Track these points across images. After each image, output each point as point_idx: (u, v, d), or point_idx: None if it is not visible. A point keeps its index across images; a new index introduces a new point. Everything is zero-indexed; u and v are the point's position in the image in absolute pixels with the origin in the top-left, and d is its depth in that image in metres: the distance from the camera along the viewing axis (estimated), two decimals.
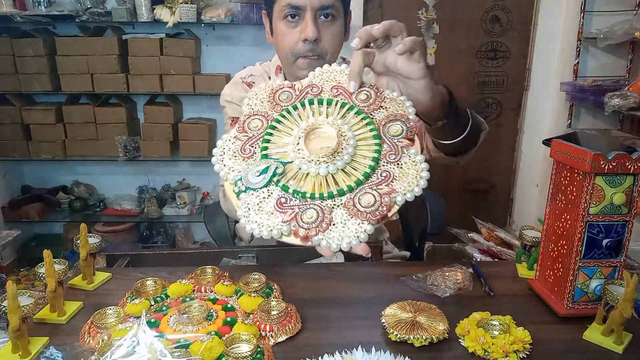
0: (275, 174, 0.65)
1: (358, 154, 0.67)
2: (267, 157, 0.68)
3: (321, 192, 0.64)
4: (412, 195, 0.65)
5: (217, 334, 0.76)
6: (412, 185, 0.65)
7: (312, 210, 0.63)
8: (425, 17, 2.73)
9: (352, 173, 0.66)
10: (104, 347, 0.70)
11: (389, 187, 0.64)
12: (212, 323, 0.81)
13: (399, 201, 0.65)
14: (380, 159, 0.66)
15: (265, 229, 0.63)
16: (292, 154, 0.67)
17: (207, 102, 3.01)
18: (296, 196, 0.64)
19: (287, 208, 0.63)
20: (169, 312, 0.84)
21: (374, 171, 0.66)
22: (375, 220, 0.62)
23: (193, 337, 0.74)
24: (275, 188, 0.65)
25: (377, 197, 0.63)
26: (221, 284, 0.93)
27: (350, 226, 0.62)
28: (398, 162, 0.66)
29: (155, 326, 0.80)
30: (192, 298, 0.89)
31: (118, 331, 0.77)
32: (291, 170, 0.67)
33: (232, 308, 0.87)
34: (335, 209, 0.63)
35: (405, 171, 0.66)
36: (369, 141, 0.68)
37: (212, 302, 0.89)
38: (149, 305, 0.88)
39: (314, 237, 0.62)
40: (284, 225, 0.62)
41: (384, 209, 0.63)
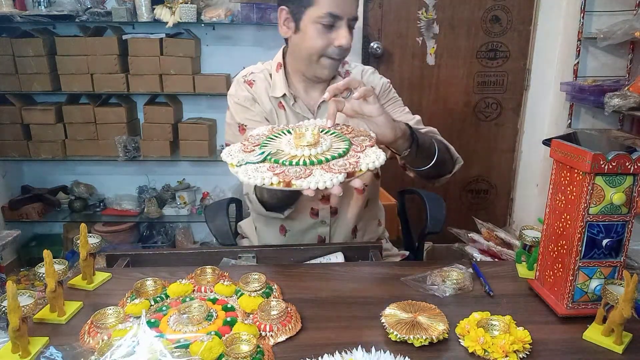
0: (269, 154, 0.88)
1: (333, 147, 0.91)
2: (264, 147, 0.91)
3: (305, 160, 0.86)
4: (373, 166, 0.86)
5: (217, 334, 0.76)
6: (373, 160, 0.87)
7: (297, 167, 0.85)
8: (425, 17, 2.73)
9: (327, 155, 0.89)
10: (104, 347, 0.70)
11: (356, 160, 0.87)
12: (212, 323, 0.81)
13: (363, 167, 0.86)
14: (350, 151, 0.90)
15: (259, 179, 0.82)
16: (285, 147, 0.90)
17: (207, 102, 3.01)
18: (285, 163, 0.86)
19: (277, 168, 0.85)
20: (169, 312, 0.84)
21: (345, 155, 0.89)
22: (345, 172, 0.83)
23: (193, 337, 0.74)
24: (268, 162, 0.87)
25: (347, 162, 0.86)
26: (221, 284, 0.93)
27: (326, 175, 0.83)
28: (362, 151, 0.91)
29: (155, 326, 0.80)
30: (192, 298, 0.89)
31: (118, 331, 0.77)
32: (281, 155, 0.89)
33: (232, 308, 0.87)
34: (314, 170, 0.84)
35: (368, 154, 0.89)
36: (341, 143, 0.93)
37: (212, 302, 0.89)
38: (149, 305, 0.88)
39: (297, 180, 0.81)
40: (274, 177, 0.82)
41: (351, 168, 0.85)
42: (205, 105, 3.02)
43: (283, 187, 0.82)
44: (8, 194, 2.96)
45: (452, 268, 1.01)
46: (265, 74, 1.34)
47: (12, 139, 2.83)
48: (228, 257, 1.16)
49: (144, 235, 3.10)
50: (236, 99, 1.32)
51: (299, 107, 1.31)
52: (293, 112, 1.32)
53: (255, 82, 1.33)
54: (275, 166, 0.85)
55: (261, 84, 1.33)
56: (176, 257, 1.15)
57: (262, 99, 1.32)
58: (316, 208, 1.32)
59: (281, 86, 1.30)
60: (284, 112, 1.32)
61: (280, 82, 1.31)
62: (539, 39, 2.77)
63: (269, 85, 1.32)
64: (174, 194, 3.05)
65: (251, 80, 1.33)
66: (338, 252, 1.18)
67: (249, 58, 2.84)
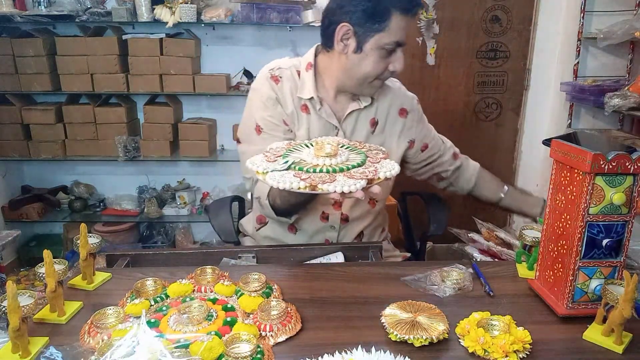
0: (293, 163, 0.96)
1: (350, 158, 1.00)
2: (287, 157, 0.99)
3: (327, 168, 0.94)
4: (390, 174, 0.95)
5: (217, 334, 0.76)
6: (389, 170, 0.96)
7: (321, 174, 0.92)
8: (425, 17, 2.73)
9: (346, 164, 0.97)
10: (104, 347, 0.70)
11: (374, 169, 0.96)
12: (212, 323, 0.81)
13: (381, 175, 0.94)
14: (367, 162, 0.99)
15: (288, 184, 0.88)
16: (306, 158, 0.98)
17: (207, 102, 3.01)
18: (309, 171, 0.93)
19: (302, 174, 0.91)
20: (169, 312, 0.84)
21: (363, 165, 0.97)
22: (366, 179, 0.91)
23: (193, 337, 0.74)
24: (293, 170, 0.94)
25: (366, 171, 0.94)
26: (221, 284, 0.93)
27: (349, 181, 0.89)
28: (378, 162, 0.99)
29: (155, 326, 0.80)
30: (192, 298, 0.89)
31: (118, 331, 0.77)
32: (304, 164, 0.96)
33: (232, 308, 0.87)
34: (337, 176, 0.91)
35: (383, 165, 0.98)
36: (357, 155, 1.02)
37: (212, 302, 0.89)
38: (149, 305, 0.88)
39: (323, 185, 0.87)
40: (301, 182, 0.89)
41: (371, 175, 0.93)
42: (205, 105, 3.02)
43: (309, 191, 0.88)
44: (8, 194, 2.96)
45: (452, 268, 1.01)
46: (292, 72, 1.29)
47: (12, 139, 2.83)
48: (228, 257, 1.16)
49: (144, 235, 3.10)
50: (259, 95, 1.28)
51: (324, 113, 1.27)
52: (318, 116, 1.28)
53: (282, 79, 1.28)
54: (301, 173, 0.92)
55: (287, 82, 1.28)
56: (176, 257, 1.15)
57: (285, 99, 1.27)
58: (327, 212, 1.31)
59: (310, 88, 1.26)
60: (307, 116, 1.28)
61: (309, 83, 1.27)
62: (539, 39, 2.77)
63: (296, 85, 1.28)
64: (174, 194, 3.05)
65: (278, 76, 1.28)
66: (338, 252, 1.18)
67: (249, 58, 2.88)
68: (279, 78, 1.28)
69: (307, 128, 1.29)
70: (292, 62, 1.32)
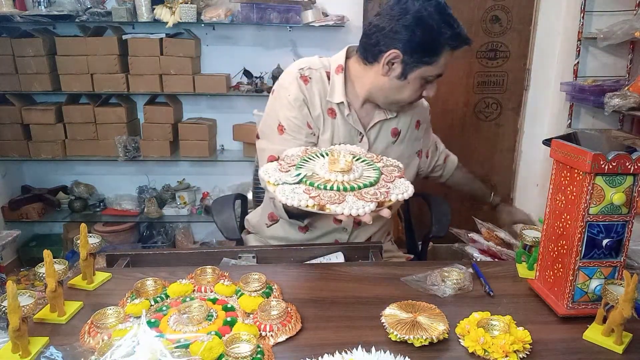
0: (305, 176, 0.93)
1: (364, 175, 0.96)
2: (299, 169, 0.96)
3: (339, 185, 0.91)
4: (402, 197, 0.91)
5: (217, 334, 0.76)
6: (403, 192, 0.92)
7: (331, 192, 0.89)
8: None
9: (359, 182, 0.93)
10: (104, 347, 0.70)
11: (386, 190, 0.92)
12: (212, 323, 0.81)
13: (392, 198, 0.90)
14: (380, 180, 0.95)
15: (296, 201, 0.86)
16: (319, 171, 0.95)
17: (207, 102, 3.01)
18: (320, 188, 0.90)
19: (313, 191, 0.89)
20: (169, 312, 0.84)
21: (375, 184, 0.94)
22: (376, 202, 0.88)
23: (193, 337, 0.74)
24: (304, 185, 0.91)
25: (378, 192, 0.90)
26: (221, 284, 0.93)
27: (358, 202, 0.87)
28: (392, 181, 0.96)
29: (155, 326, 0.80)
30: (192, 298, 0.89)
31: (118, 331, 0.77)
32: (316, 178, 0.93)
33: (232, 308, 0.87)
34: (347, 196, 0.89)
35: (397, 185, 0.95)
36: (371, 171, 0.99)
37: (212, 302, 0.89)
38: (149, 305, 0.88)
39: (332, 205, 0.86)
40: (310, 199, 0.87)
41: (382, 197, 0.89)
42: (205, 105, 3.02)
43: (317, 210, 0.86)
44: (8, 194, 2.96)
45: (452, 268, 1.01)
46: (322, 73, 1.26)
47: (12, 139, 2.83)
48: (228, 257, 1.16)
49: (144, 235, 3.10)
50: (287, 94, 1.24)
51: (352, 118, 1.26)
52: (345, 122, 1.26)
53: (311, 80, 1.24)
54: (311, 189, 0.90)
55: (317, 84, 1.24)
56: (176, 257, 1.15)
57: (313, 101, 1.24)
58: None
59: (340, 92, 1.24)
60: (332, 121, 1.26)
61: (339, 87, 1.24)
62: (539, 39, 2.77)
63: (325, 87, 1.25)
64: (174, 194, 3.05)
65: (307, 76, 1.24)
66: (338, 252, 1.18)
67: (249, 58, 2.88)
68: (309, 79, 1.24)
69: (332, 132, 1.26)
70: (322, 62, 1.28)
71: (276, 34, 2.84)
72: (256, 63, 2.84)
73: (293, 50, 2.86)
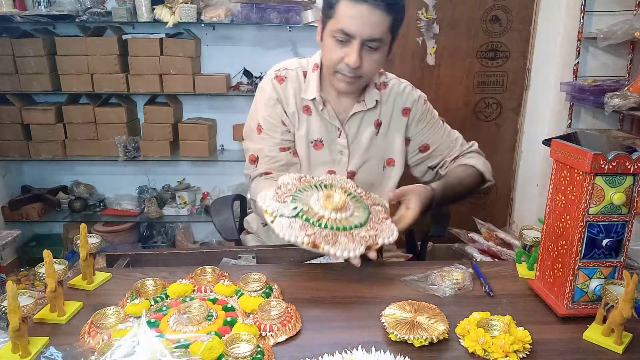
0: (301, 210, 0.97)
1: (354, 214, 1.02)
2: (296, 201, 1.00)
3: (332, 224, 0.96)
4: (388, 241, 1.00)
5: (217, 334, 0.76)
6: (388, 235, 1.01)
7: (325, 231, 0.95)
8: (425, 17, 2.73)
9: (350, 221, 1.00)
10: (104, 347, 0.70)
11: (375, 233, 1.00)
12: (212, 323, 0.81)
13: (379, 242, 0.99)
14: (369, 221, 1.02)
15: (293, 237, 0.92)
16: (314, 205, 1.00)
17: (207, 102, 3.01)
18: (315, 224, 0.96)
19: (309, 228, 0.95)
20: (169, 312, 0.84)
21: (365, 225, 1.00)
22: (365, 245, 0.96)
23: (193, 337, 0.74)
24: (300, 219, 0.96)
25: (367, 235, 0.98)
26: (221, 284, 0.93)
27: (350, 245, 0.95)
28: (379, 223, 1.03)
29: (155, 326, 0.80)
30: (192, 298, 0.89)
31: (118, 331, 0.77)
32: (311, 213, 0.98)
33: (232, 308, 0.87)
34: (340, 236, 0.96)
35: (384, 228, 1.02)
36: (361, 209, 1.05)
37: (212, 302, 0.89)
38: (149, 305, 0.88)
39: (325, 246, 0.92)
40: (306, 237, 0.92)
41: (370, 241, 0.97)
42: (205, 105, 3.02)
43: (311, 248, 0.92)
44: (8, 194, 2.96)
45: (452, 268, 1.01)
46: (298, 72, 1.30)
47: (12, 139, 2.83)
48: (228, 257, 1.16)
49: (144, 235, 3.10)
50: (262, 95, 1.31)
51: (327, 113, 1.28)
52: (320, 118, 1.29)
53: (287, 80, 1.29)
54: (307, 225, 0.95)
55: (292, 82, 1.29)
56: (176, 257, 1.15)
57: (287, 100, 1.29)
58: None
59: (313, 88, 1.27)
60: (308, 117, 1.29)
61: (313, 83, 1.27)
62: (539, 39, 2.77)
63: (300, 86, 1.29)
64: (174, 194, 3.05)
65: (283, 76, 1.30)
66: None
67: (249, 58, 2.88)
68: (284, 78, 1.30)
69: (307, 129, 1.30)
70: (300, 62, 1.33)
71: (276, 34, 2.84)
72: (256, 63, 2.84)
73: (293, 50, 2.86)
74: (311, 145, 1.31)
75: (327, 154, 1.32)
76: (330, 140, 1.31)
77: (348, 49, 1.14)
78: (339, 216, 0.99)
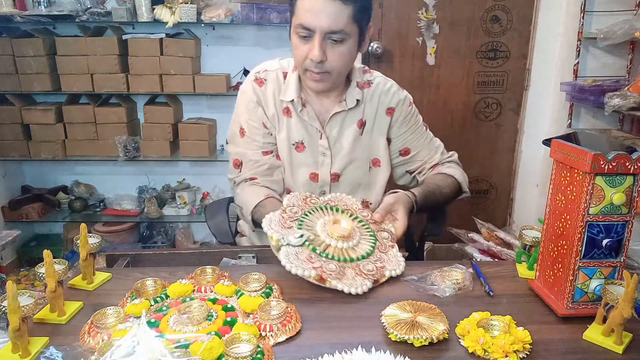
0: (308, 239, 0.98)
1: (361, 242, 1.03)
2: (302, 227, 1.01)
3: (339, 256, 0.98)
4: (395, 274, 1.00)
5: (217, 334, 0.76)
6: (395, 267, 1.01)
7: (332, 264, 0.96)
8: (425, 17, 2.73)
9: (357, 251, 1.01)
10: (103, 347, 0.70)
11: (381, 265, 1.00)
12: (212, 323, 0.81)
13: (386, 274, 0.99)
14: (375, 250, 1.03)
15: (300, 270, 0.92)
16: (321, 232, 1.01)
17: (207, 102, 3.00)
18: (321, 255, 0.97)
19: (315, 260, 0.95)
20: (169, 312, 0.84)
21: (371, 255, 1.02)
22: (373, 280, 0.96)
23: (193, 337, 0.74)
24: (307, 248, 0.98)
25: (374, 268, 0.99)
26: (221, 284, 0.93)
27: (357, 279, 0.95)
28: (386, 253, 1.05)
29: (155, 326, 0.80)
30: (192, 298, 0.89)
31: (118, 331, 0.77)
32: (318, 241, 1.00)
33: (232, 308, 0.87)
34: (347, 268, 0.96)
35: (390, 259, 1.03)
36: (368, 237, 1.06)
37: (212, 302, 0.89)
38: (149, 306, 0.88)
39: (333, 280, 0.92)
40: (313, 270, 0.93)
41: (377, 275, 0.98)
42: (205, 105, 3.02)
43: (318, 282, 0.93)
44: (8, 194, 2.96)
45: (452, 268, 1.01)
46: (278, 74, 1.30)
47: (12, 139, 2.83)
48: (228, 257, 1.16)
49: (144, 235, 3.10)
50: (243, 98, 1.31)
51: (306, 115, 1.28)
52: (299, 119, 1.28)
53: (266, 82, 1.29)
54: (313, 256, 0.96)
55: (271, 84, 1.29)
56: (176, 257, 1.15)
57: (267, 102, 1.29)
58: None
59: (293, 90, 1.26)
60: (288, 119, 1.29)
61: (293, 84, 1.27)
62: (539, 39, 2.77)
63: (280, 87, 1.29)
64: (174, 194, 3.05)
65: (262, 78, 1.30)
66: None
67: (249, 58, 2.88)
68: (264, 81, 1.30)
69: (287, 131, 1.30)
70: (280, 64, 1.33)
71: (276, 34, 2.84)
72: (256, 63, 2.80)
73: None
74: (293, 147, 1.31)
75: (309, 156, 1.31)
76: (312, 142, 1.30)
77: (311, 44, 1.14)
78: (346, 245, 1.00)
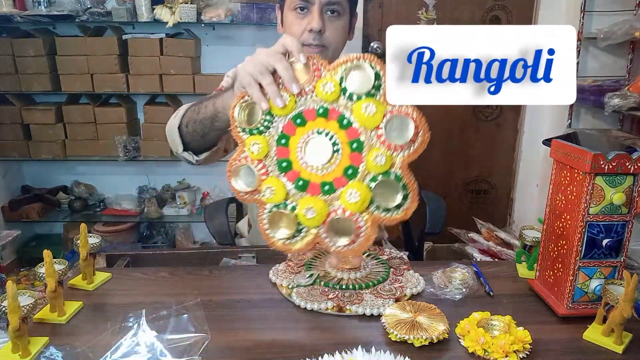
0: (318, 277, 0.95)
1: (373, 271, 0.99)
2: (311, 268, 0.99)
3: (353, 284, 0.93)
4: (417, 291, 0.94)
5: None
6: (415, 285, 0.95)
7: (348, 292, 0.91)
8: (425, 17, 2.73)
9: (371, 278, 0.96)
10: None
11: (400, 285, 0.95)
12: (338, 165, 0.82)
13: (407, 292, 0.93)
14: (390, 274, 0.99)
15: (316, 304, 0.88)
16: (331, 270, 0.97)
17: None
18: (335, 287, 0.92)
19: (330, 292, 0.91)
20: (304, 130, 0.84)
21: (387, 279, 0.97)
22: (394, 299, 0.90)
23: None
24: (319, 286, 0.94)
25: (392, 288, 0.93)
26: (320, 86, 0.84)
27: (377, 301, 0.89)
28: (401, 275, 0.99)
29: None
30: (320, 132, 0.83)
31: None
32: (329, 277, 0.96)
33: (349, 123, 0.82)
34: (364, 294, 0.91)
35: (408, 279, 0.98)
36: (380, 265, 1.01)
37: (323, 116, 0.83)
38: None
39: (352, 307, 0.87)
40: (329, 301, 0.88)
41: (398, 293, 0.92)
42: None
43: (337, 312, 0.87)
44: (8, 194, 2.96)
45: (454, 268, 1.00)
46: None
47: (12, 139, 2.83)
48: (228, 257, 1.16)
49: (144, 235, 3.10)
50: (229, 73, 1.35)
51: None
52: None
53: None
54: (327, 290, 0.92)
55: None
56: (176, 257, 1.15)
57: None
58: None
59: None
60: None
61: None
62: None
63: None
64: (174, 194, 3.05)
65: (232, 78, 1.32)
66: None
67: None
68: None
69: None
70: None
71: (276, 34, 2.83)
72: None
73: None
74: None
75: None
76: None
77: (309, 17, 1.17)
78: (359, 275, 0.95)
